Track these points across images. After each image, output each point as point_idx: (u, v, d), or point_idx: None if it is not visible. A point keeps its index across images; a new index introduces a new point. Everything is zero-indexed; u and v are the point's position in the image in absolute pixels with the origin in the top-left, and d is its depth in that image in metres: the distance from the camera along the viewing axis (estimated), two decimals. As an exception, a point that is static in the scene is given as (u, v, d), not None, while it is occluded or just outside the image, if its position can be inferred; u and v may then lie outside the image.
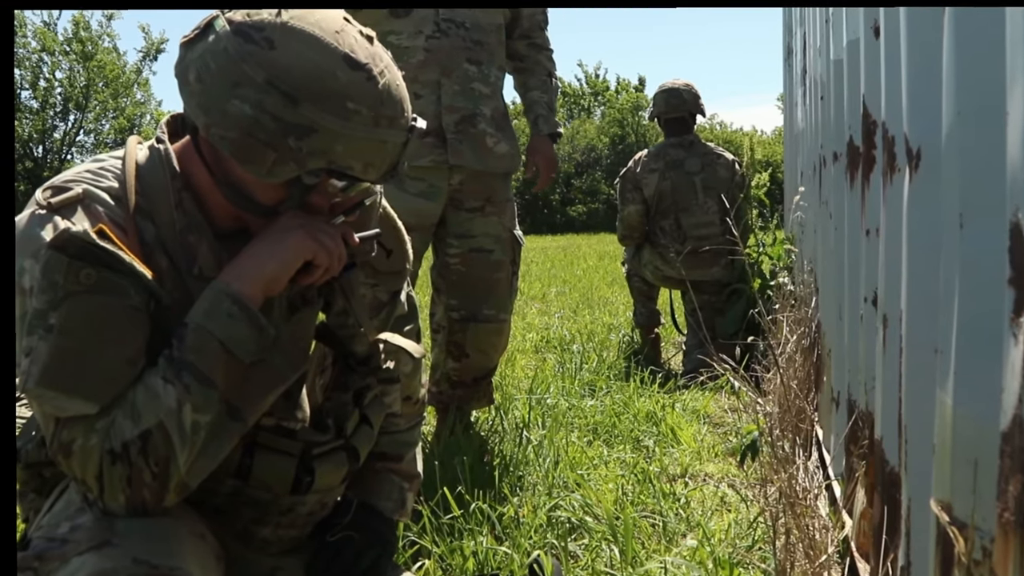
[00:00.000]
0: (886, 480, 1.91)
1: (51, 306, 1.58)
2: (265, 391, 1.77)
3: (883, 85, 1.93)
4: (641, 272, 6.26)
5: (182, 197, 1.79)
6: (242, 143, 1.64)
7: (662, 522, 2.95)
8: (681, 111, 6.14)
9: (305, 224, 1.75)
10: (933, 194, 1.51)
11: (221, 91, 1.63)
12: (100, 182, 1.74)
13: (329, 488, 2.02)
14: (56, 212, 1.65)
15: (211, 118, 1.65)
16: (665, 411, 4.29)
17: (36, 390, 1.59)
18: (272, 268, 1.73)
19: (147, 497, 1.63)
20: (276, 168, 1.66)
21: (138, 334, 1.67)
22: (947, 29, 1.36)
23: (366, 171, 1.71)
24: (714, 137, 30.35)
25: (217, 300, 1.69)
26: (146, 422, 1.60)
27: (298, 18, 1.65)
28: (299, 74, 1.61)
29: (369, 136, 1.66)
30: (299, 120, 1.61)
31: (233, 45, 1.62)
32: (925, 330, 1.57)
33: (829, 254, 3.08)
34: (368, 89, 1.65)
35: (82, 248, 1.60)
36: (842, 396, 2.73)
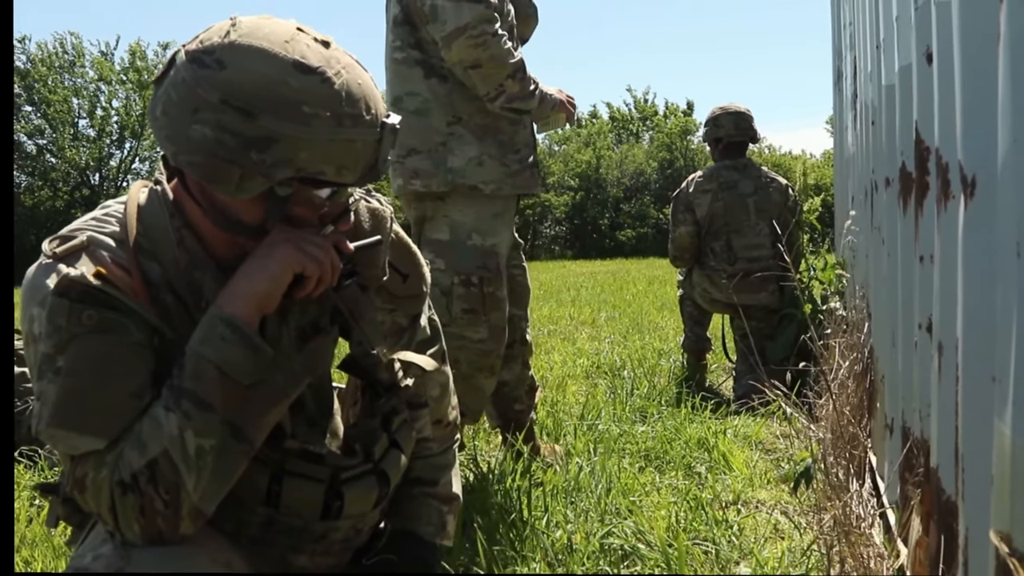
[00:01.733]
0: (943, 509, 1.89)
1: (57, 350, 1.64)
2: (267, 409, 1.78)
3: (936, 111, 1.92)
4: (692, 296, 6.24)
5: (183, 235, 1.83)
6: (207, 165, 1.65)
7: (715, 550, 2.93)
8: (747, 135, 6.13)
9: (291, 238, 1.76)
10: (989, 221, 1.50)
11: (183, 119, 1.65)
12: (104, 228, 1.79)
13: (361, 513, 2.03)
14: (61, 260, 1.70)
15: (177, 146, 1.67)
16: (717, 437, 4.27)
17: (48, 431, 1.64)
18: (262, 286, 1.75)
19: (162, 526, 1.66)
20: (244, 184, 1.67)
21: (142, 369, 1.71)
22: (1002, 55, 1.36)
23: (340, 174, 1.71)
24: (763, 161, 30.27)
25: (211, 325, 1.72)
26: (151, 451, 1.64)
27: (246, 35, 1.67)
28: (250, 88, 1.63)
29: (333, 137, 1.66)
30: (258, 133, 1.63)
31: (188, 73, 1.66)
32: (982, 358, 1.55)
33: (882, 280, 3.05)
34: (323, 91, 1.65)
35: (83, 292, 1.65)
36: (896, 423, 2.71)
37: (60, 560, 3.05)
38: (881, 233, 3.07)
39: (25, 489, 3.83)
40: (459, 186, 3.52)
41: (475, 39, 3.39)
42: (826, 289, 5.61)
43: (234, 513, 1.81)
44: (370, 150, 1.72)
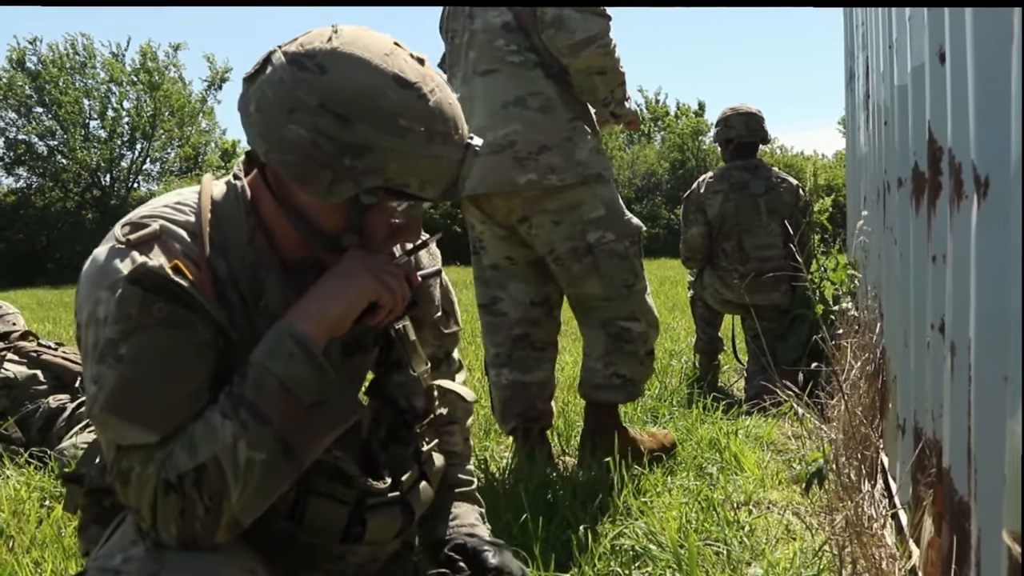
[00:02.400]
0: (955, 509, 1.89)
1: (123, 337, 1.63)
2: (323, 433, 1.78)
3: (949, 111, 1.91)
4: (703, 296, 6.24)
5: (255, 233, 1.83)
6: (301, 165, 1.68)
7: (726, 550, 2.93)
8: (758, 135, 6.15)
9: (370, 266, 1.79)
10: (1002, 221, 1.50)
11: (278, 118, 1.68)
12: (176, 217, 1.79)
13: (381, 541, 2.03)
14: (134, 248, 1.70)
15: (270, 144, 1.70)
16: (728, 438, 4.26)
17: (100, 416, 1.63)
18: (337, 310, 1.77)
19: (199, 531, 1.66)
20: (334, 188, 1.70)
21: (203, 369, 1.71)
22: (1015, 55, 1.36)
23: (423, 188, 1.74)
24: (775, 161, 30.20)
25: (280, 339, 1.72)
26: (202, 456, 1.64)
27: (348, 43, 1.70)
28: (350, 95, 1.66)
29: (424, 153, 1.70)
30: (353, 139, 1.66)
31: (288, 74, 1.68)
32: (994, 358, 1.55)
33: (894, 280, 3.05)
34: (419, 107, 1.69)
35: (157, 283, 1.65)
36: (908, 423, 2.70)
37: (71, 561, 3.05)
38: (893, 233, 3.06)
39: (35, 491, 3.84)
40: (588, 176, 3.75)
41: (604, 48, 3.68)
42: (838, 289, 5.60)
43: (256, 522, 1.82)
44: (454, 169, 1.77)
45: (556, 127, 3.72)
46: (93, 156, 33.99)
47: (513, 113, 3.69)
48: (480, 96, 3.73)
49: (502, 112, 3.69)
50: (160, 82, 35.80)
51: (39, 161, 33.88)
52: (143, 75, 35.63)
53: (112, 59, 35.48)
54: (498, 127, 3.66)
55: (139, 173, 35.93)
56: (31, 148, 33.77)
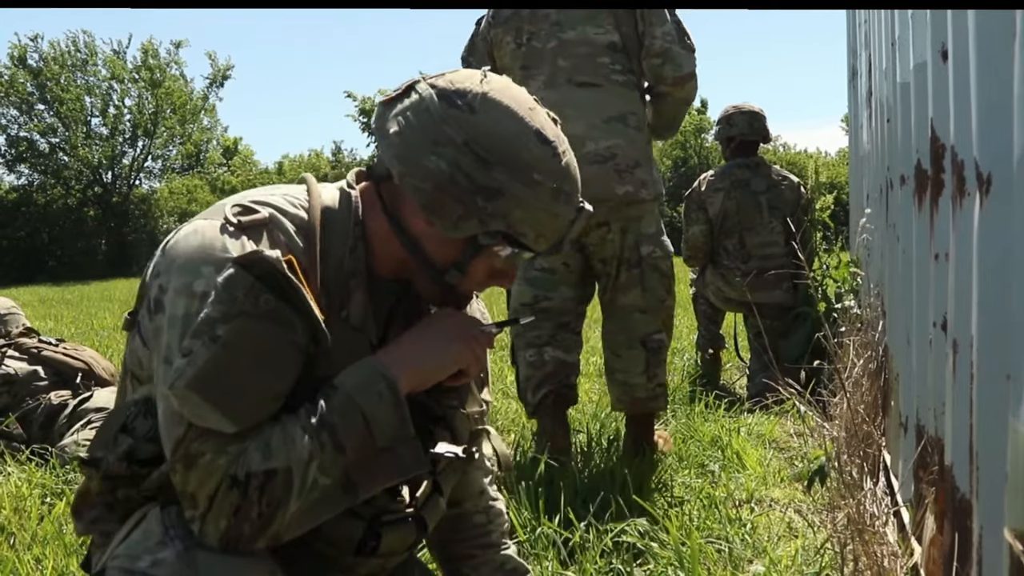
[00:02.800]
0: (957, 507, 1.89)
1: (224, 318, 1.61)
2: (384, 478, 1.78)
3: (952, 109, 1.91)
4: (705, 294, 6.24)
5: (357, 244, 1.85)
6: (434, 195, 1.72)
7: (728, 548, 2.93)
8: (759, 134, 6.17)
9: (468, 335, 1.86)
10: (1005, 219, 1.50)
11: (421, 146, 1.72)
12: (287, 209, 1.80)
13: (392, 554, 2.03)
14: (244, 231, 1.71)
15: (407, 168, 1.73)
16: (731, 435, 4.26)
17: (183, 391, 1.60)
18: (430, 369, 1.82)
19: (245, 532, 1.64)
20: (460, 223, 1.74)
21: (292, 372, 1.70)
22: (1018, 52, 1.35)
23: (537, 241, 1.79)
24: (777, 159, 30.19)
25: (372, 377, 1.74)
26: (275, 462, 1.62)
27: (498, 91, 1.76)
28: (495, 140, 1.71)
29: (547, 208, 1.76)
30: (489, 182, 1.71)
31: (436, 107, 1.73)
32: (997, 356, 1.55)
33: (897, 278, 3.05)
34: (553, 164, 1.76)
35: (268, 273, 1.64)
36: (910, 421, 2.70)
37: (72, 558, 3.05)
38: (896, 231, 3.06)
39: (36, 487, 3.84)
40: (658, 194, 4.11)
41: (696, 84, 4.09)
42: (840, 287, 5.60)
43: None
44: (566, 227, 1.82)
45: (645, 146, 4.04)
46: (95, 153, 33.99)
47: (616, 128, 3.93)
48: (577, 105, 3.88)
49: (604, 126, 3.92)
50: (162, 79, 35.79)
51: (41, 158, 33.88)
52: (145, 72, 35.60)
53: (114, 56, 35.46)
54: (600, 139, 3.89)
55: (141, 170, 35.94)
56: (33, 145, 33.77)
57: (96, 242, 32.48)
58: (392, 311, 1.93)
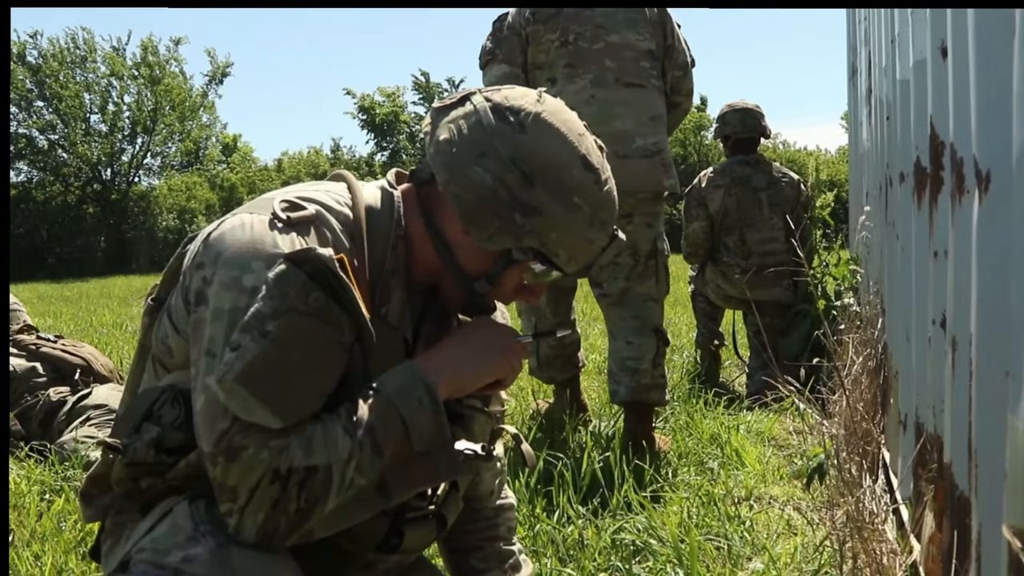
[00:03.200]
0: (956, 505, 1.89)
1: (274, 314, 1.62)
2: (418, 482, 1.80)
3: (951, 106, 1.91)
4: (704, 292, 6.24)
5: (398, 243, 1.87)
6: (474, 206, 1.75)
7: (727, 545, 2.93)
8: (754, 131, 6.18)
9: (504, 346, 1.89)
10: (1004, 216, 1.50)
11: (468, 156, 1.75)
12: (333, 207, 1.82)
13: (413, 551, 2.04)
14: (293, 227, 1.72)
15: (452, 176, 1.76)
16: (730, 433, 4.27)
17: (232, 385, 1.60)
18: (468, 378, 1.85)
19: (281, 526, 1.65)
20: (496, 237, 1.77)
21: (338, 371, 1.72)
22: (1017, 50, 1.35)
23: (568, 263, 1.83)
24: (777, 156, 30.18)
25: (413, 383, 1.75)
26: (316, 459, 1.64)
27: (551, 113, 1.80)
28: (541, 161, 1.75)
29: (583, 232, 1.80)
30: (529, 200, 1.74)
31: (488, 120, 1.77)
32: (996, 354, 1.55)
33: (896, 275, 3.05)
34: (594, 191, 1.80)
35: (319, 271, 1.65)
36: (909, 419, 2.70)
37: (71, 555, 3.05)
38: (895, 228, 3.06)
39: (35, 484, 3.84)
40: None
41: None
42: (839, 285, 5.60)
43: None
44: (597, 253, 1.87)
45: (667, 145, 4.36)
46: (94, 150, 33.93)
47: (659, 126, 4.25)
48: (627, 103, 4.19)
49: (650, 123, 4.21)
50: (161, 76, 35.71)
51: (40, 155, 33.80)
52: (144, 69, 35.54)
53: (113, 53, 35.39)
54: (648, 135, 4.18)
55: (140, 167, 35.86)
56: (32, 142, 33.69)
57: (95, 239, 32.44)
58: (424, 310, 1.95)
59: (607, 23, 4.20)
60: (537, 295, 1.96)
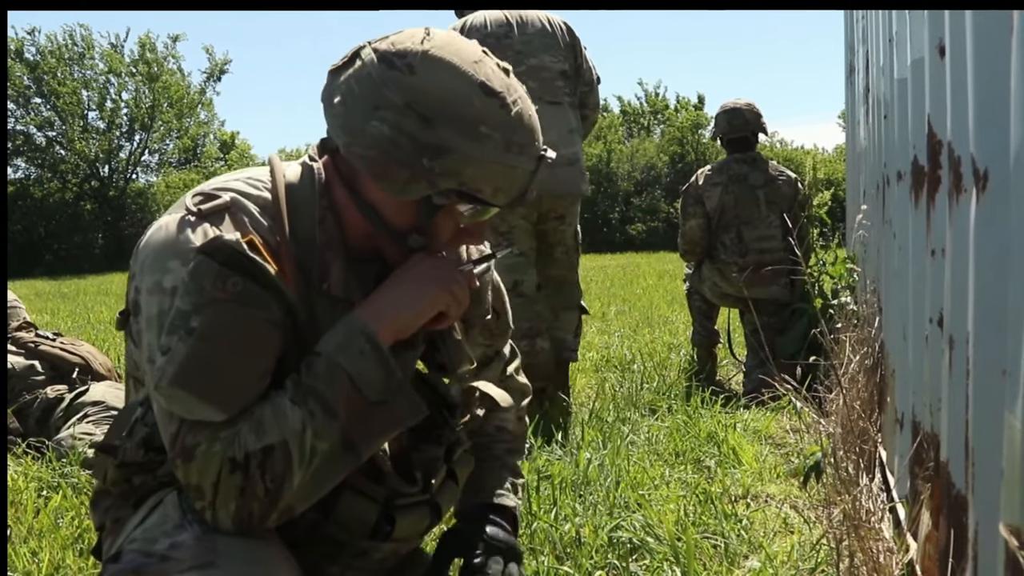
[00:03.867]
0: (952, 503, 1.89)
1: (195, 310, 1.62)
2: (382, 430, 1.79)
3: (949, 105, 1.91)
4: (700, 290, 6.25)
5: (326, 215, 1.85)
6: (379, 161, 1.70)
7: (724, 543, 2.94)
8: (744, 131, 6.17)
9: (441, 276, 1.81)
10: (1001, 215, 1.50)
11: (363, 113, 1.71)
12: (249, 191, 1.80)
13: (407, 539, 2.03)
14: (205, 219, 1.71)
15: (352, 137, 1.72)
16: (726, 431, 4.27)
17: (168, 389, 1.62)
18: (408, 316, 1.79)
19: (255, 510, 1.65)
20: (409, 186, 1.72)
21: (273, 349, 1.72)
22: (1015, 48, 1.35)
23: (495, 195, 1.76)
24: (774, 155, 30.19)
25: (352, 336, 1.73)
26: (270, 438, 1.63)
27: (439, 47, 1.73)
28: (436, 98, 1.69)
29: (500, 161, 1.73)
30: (433, 141, 1.68)
31: (376, 71, 1.71)
32: (993, 352, 1.55)
33: (893, 274, 3.05)
34: (501, 116, 1.72)
35: (231, 256, 1.65)
36: (906, 417, 2.71)
37: (68, 551, 3.05)
38: (892, 227, 3.06)
39: (33, 480, 3.84)
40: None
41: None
42: (837, 283, 5.61)
43: None
44: (526, 179, 1.79)
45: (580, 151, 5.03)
46: (92, 147, 33.89)
47: (575, 138, 4.94)
48: (549, 118, 4.38)
49: (569, 136, 4.88)
50: (159, 73, 35.67)
51: (37, 152, 33.74)
52: (142, 66, 35.50)
53: (111, 50, 35.35)
54: (567, 146, 4.82)
55: (138, 164, 35.81)
56: (29, 139, 33.64)
57: (93, 236, 32.37)
58: (380, 277, 1.89)
59: (525, 49, 4.83)
60: (478, 237, 1.92)
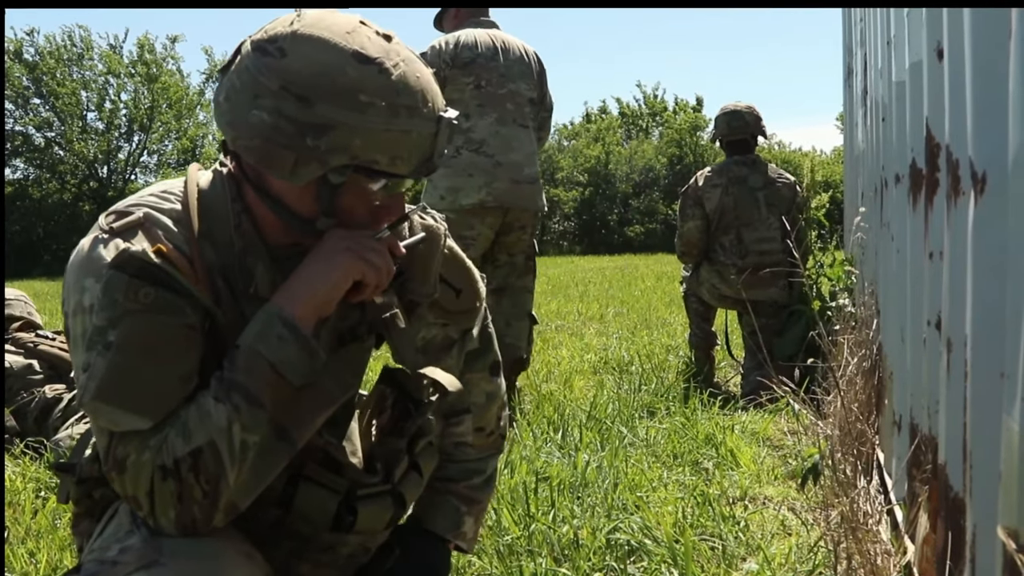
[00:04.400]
0: (950, 506, 1.89)
1: (110, 324, 1.63)
2: (314, 414, 1.78)
3: (947, 108, 1.92)
4: (698, 291, 6.25)
5: (241, 219, 1.83)
6: (264, 149, 1.67)
7: (722, 545, 2.94)
8: (743, 133, 6.17)
9: (352, 245, 1.76)
10: (999, 218, 1.50)
11: (244, 105, 1.68)
12: (162, 205, 1.79)
13: (372, 531, 2.02)
14: (118, 235, 1.70)
15: (236, 131, 1.70)
16: (724, 433, 4.27)
17: (92, 404, 1.63)
18: (322, 291, 1.75)
19: (197, 515, 1.66)
20: (299, 169, 1.68)
21: (192, 353, 1.71)
22: (1013, 51, 1.36)
23: (393, 164, 1.71)
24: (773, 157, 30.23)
25: (269, 323, 1.71)
26: (197, 440, 1.63)
27: (308, 25, 1.69)
28: (309, 75, 1.65)
29: (388, 127, 1.67)
30: (314, 119, 1.64)
31: (252, 61, 1.69)
32: (991, 355, 1.55)
33: (891, 276, 3.05)
34: (380, 81, 1.66)
35: (141, 267, 1.65)
36: (904, 420, 2.71)
37: (64, 552, 3.06)
38: (891, 230, 3.06)
39: (31, 481, 3.84)
40: None
41: None
42: (835, 285, 5.61)
43: (247, 511, 1.82)
44: (426, 142, 1.73)
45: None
46: (90, 148, 33.92)
47: (535, 159, 5.31)
48: (519, 140, 5.21)
49: (531, 156, 5.26)
50: (158, 74, 35.69)
51: (36, 152, 33.77)
52: (141, 67, 35.52)
53: (110, 51, 35.38)
54: (532, 166, 5.23)
55: (136, 165, 35.86)
56: (28, 139, 33.65)
57: (91, 237, 32.30)
58: None
59: (508, 73, 5.19)
60: (397, 211, 1.85)
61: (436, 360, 2.20)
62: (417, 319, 2.11)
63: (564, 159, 35.53)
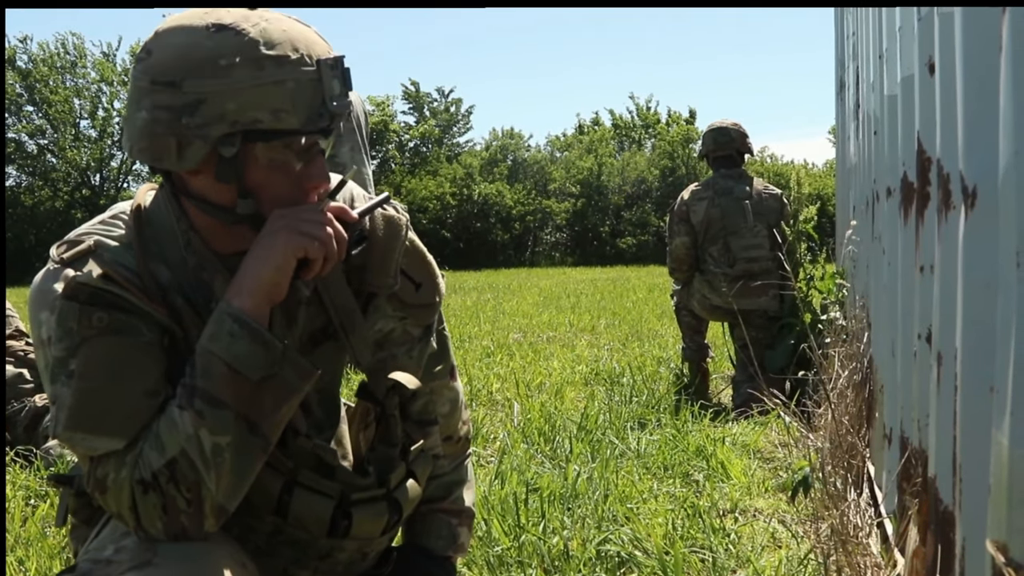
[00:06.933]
0: (940, 519, 1.89)
1: (69, 353, 1.66)
2: (279, 404, 1.75)
3: (938, 122, 1.92)
4: (689, 304, 6.26)
5: (190, 237, 1.83)
6: (148, 145, 1.69)
7: (712, 557, 2.93)
8: (729, 149, 6.20)
9: (288, 223, 1.72)
10: (990, 232, 1.50)
11: (130, 115, 1.71)
12: (111, 232, 1.81)
13: (368, 537, 2.03)
14: (68, 265, 1.72)
15: (131, 141, 1.72)
16: (715, 445, 4.27)
17: (65, 434, 1.66)
18: (268, 275, 1.72)
19: (185, 523, 1.67)
20: (184, 152, 1.67)
21: (154, 368, 1.72)
22: (1004, 66, 1.36)
23: (278, 119, 1.67)
24: (764, 170, 30.32)
25: (220, 321, 1.71)
26: (170, 451, 1.64)
27: (171, 20, 1.71)
28: (171, 60, 1.66)
29: (257, 82, 1.65)
30: (185, 99, 1.64)
31: (132, 73, 1.73)
32: (981, 368, 1.56)
33: (882, 290, 3.06)
34: (236, 42, 1.65)
35: (91, 294, 1.67)
36: (894, 433, 2.71)
37: (55, 561, 3.05)
38: (882, 243, 3.07)
39: (21, 489, 3.83)
40: None
41: None
42: (826, 298, 5.62)
43: (243, 519, 1.82)
44: (308, 90, 1.69)
45: None
46: (83, 155, 33.90)
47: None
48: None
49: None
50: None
51: (29, 160, 33.76)
52: (134, 75, 35.59)
53: (103, 59, 35.39)
54: None
55: (129, 173, 35.80)
56: (21, 147, 33.64)
57: (83, 245, 32.26)
58: None
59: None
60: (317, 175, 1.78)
61: (392, 355, 2.18)
62: (375, 310, 2.10)
63: (556, 170, 35.57)
